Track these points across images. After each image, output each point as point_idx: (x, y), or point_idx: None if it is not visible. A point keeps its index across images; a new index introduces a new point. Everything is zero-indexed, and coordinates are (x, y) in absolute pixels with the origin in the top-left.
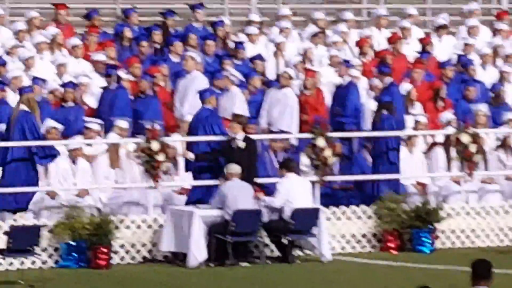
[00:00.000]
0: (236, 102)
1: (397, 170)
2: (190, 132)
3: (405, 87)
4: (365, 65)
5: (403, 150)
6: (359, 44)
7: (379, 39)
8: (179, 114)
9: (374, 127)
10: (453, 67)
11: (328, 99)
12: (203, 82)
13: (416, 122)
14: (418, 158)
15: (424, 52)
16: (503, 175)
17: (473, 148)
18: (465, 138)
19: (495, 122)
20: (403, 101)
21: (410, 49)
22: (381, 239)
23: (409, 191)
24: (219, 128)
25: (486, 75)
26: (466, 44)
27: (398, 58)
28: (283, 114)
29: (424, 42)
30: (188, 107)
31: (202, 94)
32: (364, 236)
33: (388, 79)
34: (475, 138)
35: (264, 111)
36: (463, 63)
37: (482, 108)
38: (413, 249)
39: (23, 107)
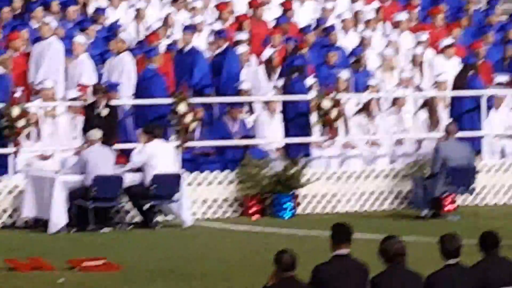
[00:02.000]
0: (83, 70)
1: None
2: (136, 92)
3: (267, 53)
4: (226, 31)
5: (263, 114)
6: (219, 8)
7: (240, 4)
8: (33, 80)
9: (285, 90)
10: (314, 32)
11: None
12: (59, 48)
13: (274, 87)
14: (280, 123)
15: (283, 17)
16: (364, 141)
17: (334, 113)
18: (326, 104)
19: (356, 87)
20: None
21: (271, 15)
22: (243, 204)
23: (271, 156)
24: (163, 87)
25: (347, 41)
26: (324, 9)
27: (258, 24)
28: (121, 79)
29: (285, 7)
30: (43, 73)
31: (148, 53)
32: (225, 201)
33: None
34: (336, 104)
35: (104, 78)
36: (325, 28)
37: (343, 74)
38: (274, 214)
39: None
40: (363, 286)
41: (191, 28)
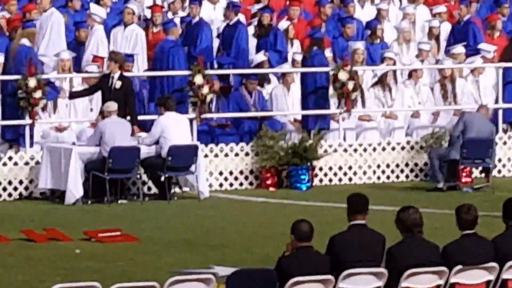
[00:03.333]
0: (96, 41)
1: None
2: (153, 64)
3: (283, 24)
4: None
5: (279, 87)
6: None
7: None
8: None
9: (304, 63)
10: (331, 5)
11: None
12: (59, 19)
13: (293, 61)
14: (296, 95)
15: None
16: (380, 113)
17: (350, 85)
18: (342, 76)
19: (372, 59)
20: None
21: None
22: (259, 176)
23: (287, 128)
24: (182, 59)
25: (364, 13)
26: None
27: None
28: (134, 51)
29: None
30: (45, 45)
31: (165, 25)
32: (241, 173)
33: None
34: (353, 76)
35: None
36: (342, 0)
37: (360, 46)
38: (290, 186)
39: (24, 41)
40: (380, 256)
41: (198, 0)
